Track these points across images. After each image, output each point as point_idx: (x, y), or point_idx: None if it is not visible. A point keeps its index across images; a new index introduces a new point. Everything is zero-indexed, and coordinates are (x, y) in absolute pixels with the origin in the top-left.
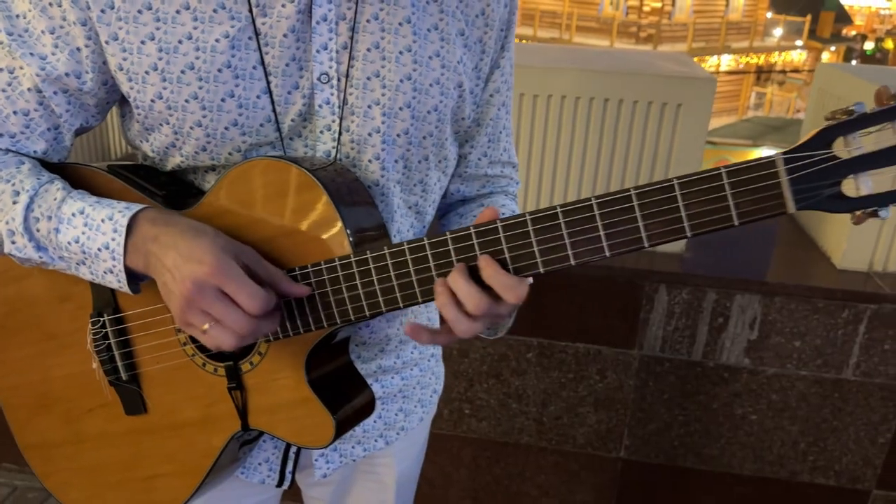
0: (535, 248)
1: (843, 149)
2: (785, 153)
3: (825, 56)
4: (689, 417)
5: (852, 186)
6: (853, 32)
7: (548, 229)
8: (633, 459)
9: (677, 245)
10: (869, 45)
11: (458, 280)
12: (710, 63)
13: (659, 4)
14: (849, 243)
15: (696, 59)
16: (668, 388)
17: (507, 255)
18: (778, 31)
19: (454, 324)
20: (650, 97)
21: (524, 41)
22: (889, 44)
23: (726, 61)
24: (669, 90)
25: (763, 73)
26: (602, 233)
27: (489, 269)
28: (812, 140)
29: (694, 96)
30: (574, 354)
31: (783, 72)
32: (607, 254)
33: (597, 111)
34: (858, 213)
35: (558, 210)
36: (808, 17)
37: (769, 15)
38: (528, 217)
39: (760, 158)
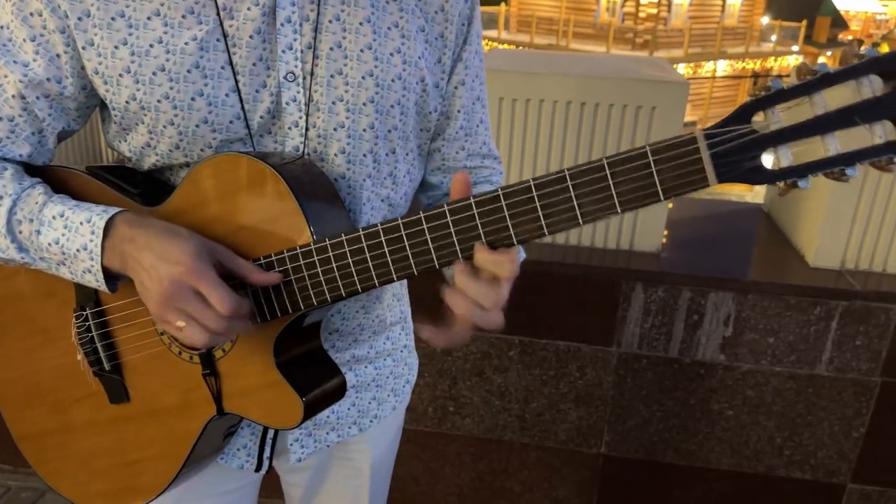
0: (454, 235)
1: (762, 123)
2: (706, 129)
3: (821, 61)
4: (668, 413)
5: (773, 159)
6: (849, 37)
7: (465, 219)
8: (614, 455)
9: (654, 244)
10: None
11: (465, 280)
12: (707, 68)
13: (655, 10)
14: (821, 242)
15: (692, 64)
16: (646, 385)
17: (430, 241)
18: (774, 37)
19: (484, 322)
20: (625, 100)
21: (521, 47)
22: (885, 48)
23: (722, 66)
24: (643, 94)
25: (759, 78)
26: (540, 213)
27: (481, 252)
28: (733, 116)
29: (667, 99)
30: (555, 352)
31: (779, 77)
32: (545, 231)
33: (574, 114)
34: (781, 184)
35: (471, 200)
36: (804, 23)
37: (765, 20)
38: (445, 208)
39: (683, 135)
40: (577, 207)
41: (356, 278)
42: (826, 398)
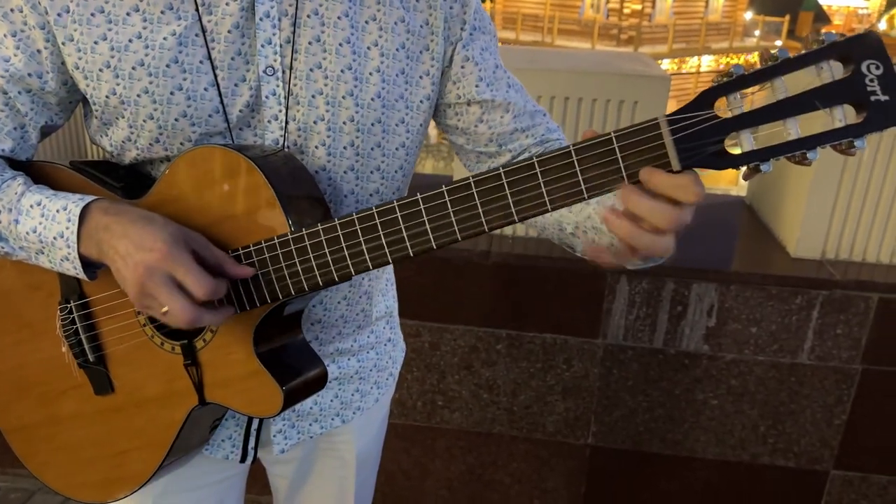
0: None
1: (724, 109)
2: (669, 115)
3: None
4: (653, 403)
5: (736, 144)
6: (832, 32)
7: (437, 208)
8: (601, 446)
9: None
10: None
11: (633, 198)
12: (691, 64)
13: (639, 6)
14: (802, 232)
15: (676, 60)
16: (632, 376)
17: (405, 230)
18: (757, 32)
19: (651, 245)
20: (608, 95)
21: (506, 44)
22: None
23: (706, 62)
24: (626, 88)
25: None
26: (510, 199)
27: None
28: (695, 101)
29: (649, 94)
30: (541, 345)
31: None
32: (516, 219)
33: (558, 109)
34: (744, 168)
35: (443, 189)
36: (787, 18)
37: (748, 15)
38: (418, 196)
39: (646, 121)
40: (545, 194)
41: (332, 268)
42: (808, 386)
